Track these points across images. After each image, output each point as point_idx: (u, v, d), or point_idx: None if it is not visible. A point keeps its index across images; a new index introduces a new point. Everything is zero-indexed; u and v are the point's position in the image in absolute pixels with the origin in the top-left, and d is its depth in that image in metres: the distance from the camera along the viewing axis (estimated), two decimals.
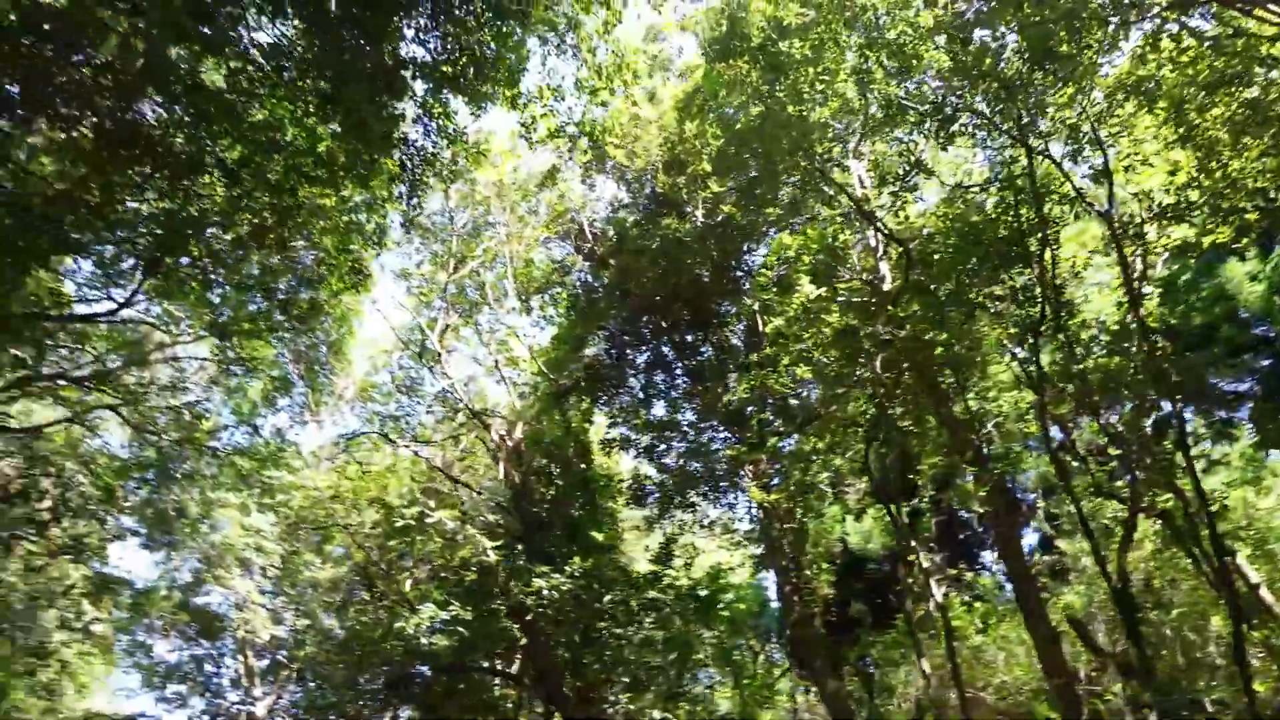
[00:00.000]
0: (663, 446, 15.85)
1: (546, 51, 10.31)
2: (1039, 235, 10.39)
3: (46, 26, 9.67)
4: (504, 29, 11.17)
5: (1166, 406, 10.76)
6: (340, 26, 10.66)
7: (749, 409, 14.47)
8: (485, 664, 15.04)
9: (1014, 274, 10.93)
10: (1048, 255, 10.36)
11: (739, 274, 15.38)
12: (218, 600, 22.65)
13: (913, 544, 13.48)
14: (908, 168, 11.31)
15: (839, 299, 11.62)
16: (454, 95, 12.21)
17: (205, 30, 10.38)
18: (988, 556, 20.49)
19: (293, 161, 12.99)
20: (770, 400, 14.15)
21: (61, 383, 15.51)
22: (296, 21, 11.31)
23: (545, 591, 11.30)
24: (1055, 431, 12.09)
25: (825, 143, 11.19)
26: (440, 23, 11.68)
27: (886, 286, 11.66)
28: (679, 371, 16.59)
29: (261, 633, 20.57)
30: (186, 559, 22.26)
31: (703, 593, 16.04)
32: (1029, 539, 19.02)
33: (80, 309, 14.96)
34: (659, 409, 16.39)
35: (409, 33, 11.70)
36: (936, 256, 11.15)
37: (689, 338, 16.38)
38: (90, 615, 19.62)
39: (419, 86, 12.34)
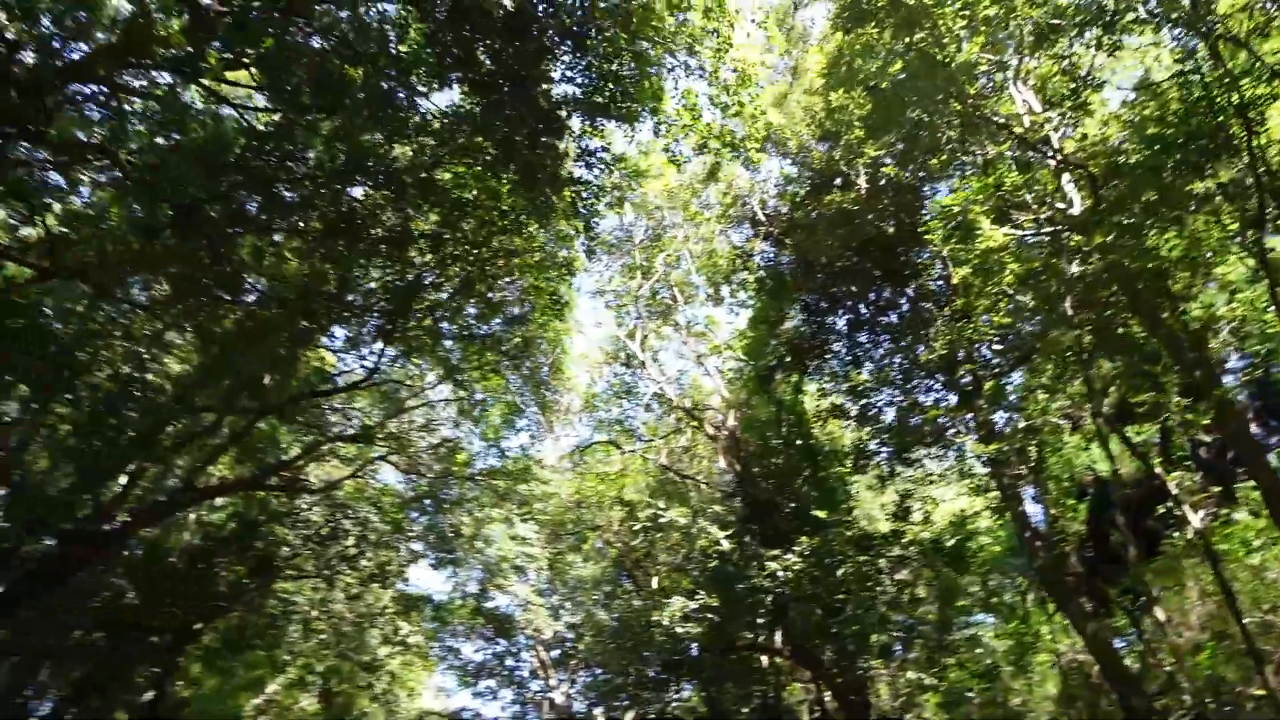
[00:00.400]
0: (875, 410, 15.89)
1: (675, 76, 10.87)
2: (1241, 121, 9.48)
3: (261, 142, 11.63)
4: (640, 52, 11.89)
5: None
6: (496, 81, 11.86)
7: (959, 355, 14.22)
8: (750, 636, 15.96)
9: (1219, 169, 10.04)
10: (1257, 142, 9.43)
11: (920, 226, 15.10)
12: (504, 603, 25.43)
13: (1164, 467, 12.71)
14: (1076, 85, 10.67)
15: (1025, 235, 11.21)
16: (607, 121, 13.12)
17: (389, 112, 11.99)
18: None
19: (482, 216, 14.53)
20: (976, 345, 13.83)
21: (340, 444, 18.31)
22: (460, 89, 12.69)
23: (779, 573, 11.92)
24: None
25: (976, 82, 10.82)
26: (583, 57, 12.59)
27: (1075, 212, 11.08)
28: (880, 330, 16.51)
29: (545, 629, 22.87)
30: (471, 572, 25.16)
31: (949, 542, 16.01)
32: None
33: (342, 377, 17.58)
34: (866, 371, 16.40)
35: (556, 74, 12.74)
36: (1126, 170, 10.48)
37: (884, 294, 16.25)
38: (405, 630, 22.76)
39: (575, 123, 13.36)
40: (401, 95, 12.08)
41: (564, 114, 12.44)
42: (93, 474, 13.30)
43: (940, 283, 15.75)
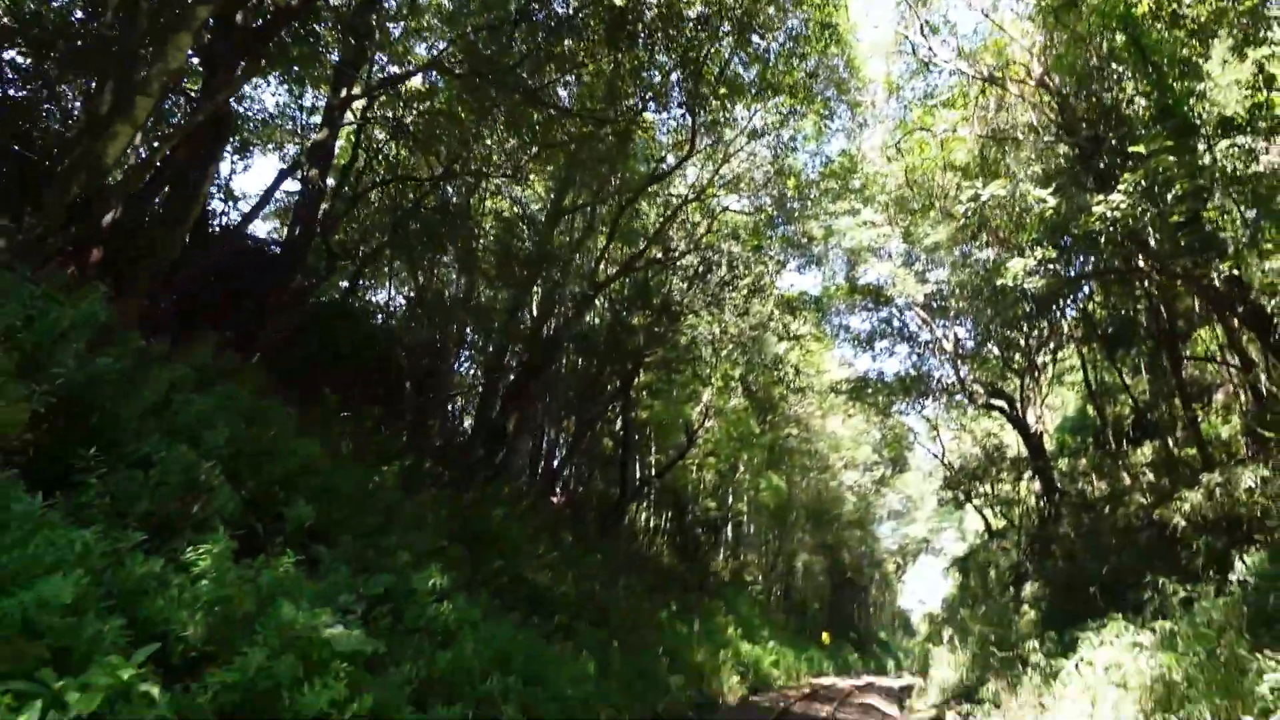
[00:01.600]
0: None
1: None
2: None
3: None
4: None
5: None
6: None
7: None
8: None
9: None
10: None
11: None
12: (874, 279, 27.83)
13: None
14: None
15: None
16: None
17: None
18: None
19: None
20: None
21: (688, 206, 21.30)
22: None
23: (1107, 214, 12.42)
24: None
25: None
26: None
27: None
28: None
29: (917, 294, 25.00)
30: (835, 264, 27.89)
31: None
32: None
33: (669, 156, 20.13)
34: None
35: None
36: None
37: None
38: (794, 325, 26.39)
39: None
40: None
41: None
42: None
43: None
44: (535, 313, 20.54)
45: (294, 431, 9.27)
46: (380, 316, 19.36)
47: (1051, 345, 23.22)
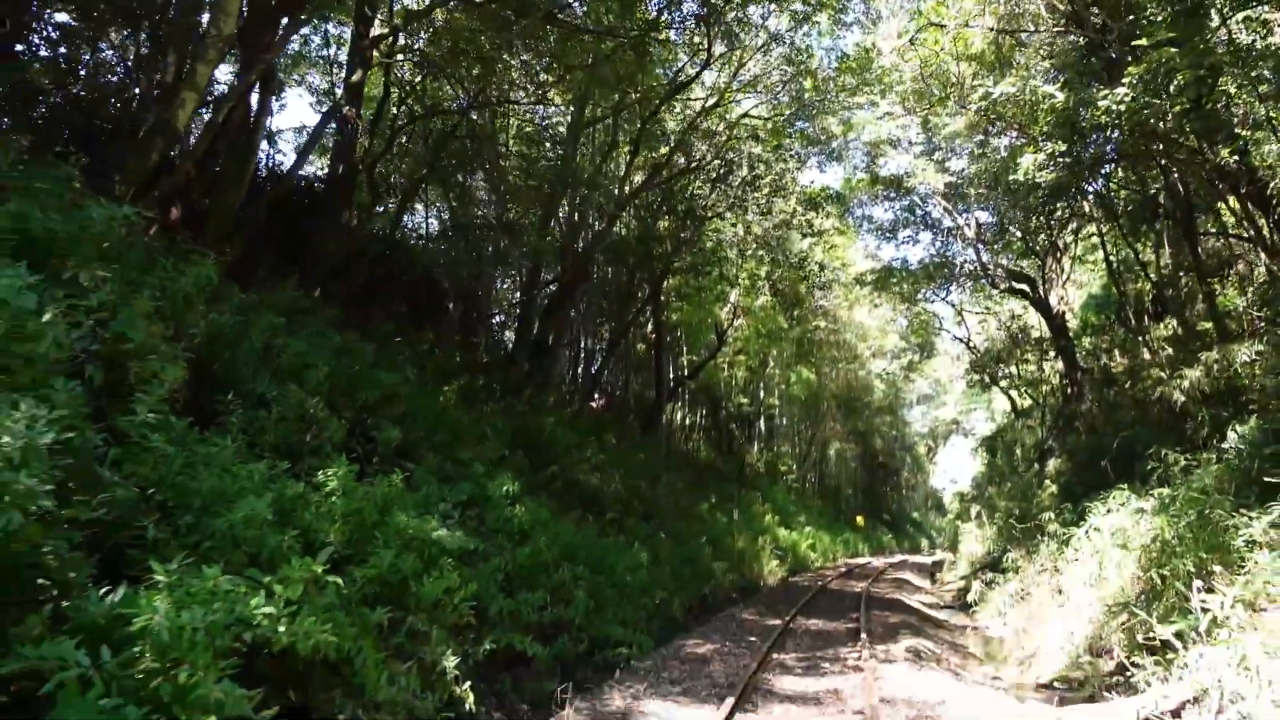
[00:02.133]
0: None
1: None
2: None
3: None
4: None
5: None
6: None
7: None
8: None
9: None
10: None
11: None
12: (895, 169, 28.10)
13: None
14: None
15: None
16: None
17: None
18: None
19: None
20: None
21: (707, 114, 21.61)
22: None
23: (1111, 108, 12.78)
24: None
25: None
26: None
27: None
28: None
29: (938, 182, 25.29)
30: (854, 158, 28.12)
31: None
32: None
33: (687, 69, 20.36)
34: None
35: None
36: None
37: None
38: (817, 221, 26.89)
39: None
40: None
41: None
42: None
43: None
44: (565, 228, 21.29)
45: (371, 363, 10.39)
46: (422, 243, 20.20)
47: (1072, 226, 23.60)
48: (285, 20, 10.87)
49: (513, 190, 20.61)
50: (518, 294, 20.95)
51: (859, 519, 48.93)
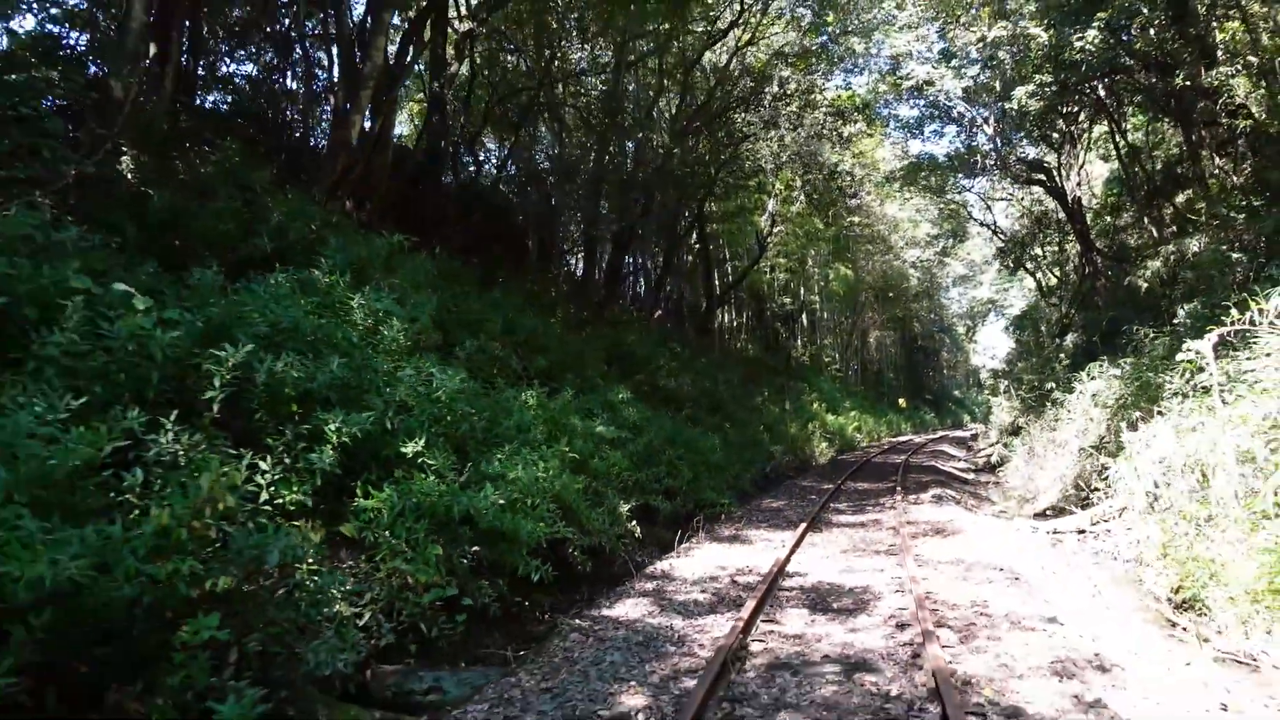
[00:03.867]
0: None
1: None
2: None
3: None
4: None
5: None
6: None
7: None
8: None
9: None
10: None
11: None
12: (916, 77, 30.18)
13: None
14: None
15: None
16: None
17: None
18: None
19: None
20: None
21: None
22: None
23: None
24: None
25: None
26: None
27: None
28: None
29: (956, 89, 27.48)
30: (877, 64, 30.25)
31: None
32: None
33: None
34: None
35: None
36: None
37: None
38: (845, 129, 29.39)
39: None
40: None
41: None
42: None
43: None
44: (630, 165, 24.19)
45: (506, 306, 13.86)
46: (506, 192, 23.33)
47: (1082, 117, 25.83)
48: (411, 50, 13.93)
49: (569, 130, 23.53)
50: (582, 226, 23.97)
51: (901, 401, 52.39)
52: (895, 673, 5.37)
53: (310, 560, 4.70)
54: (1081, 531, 11.27)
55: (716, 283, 32.45)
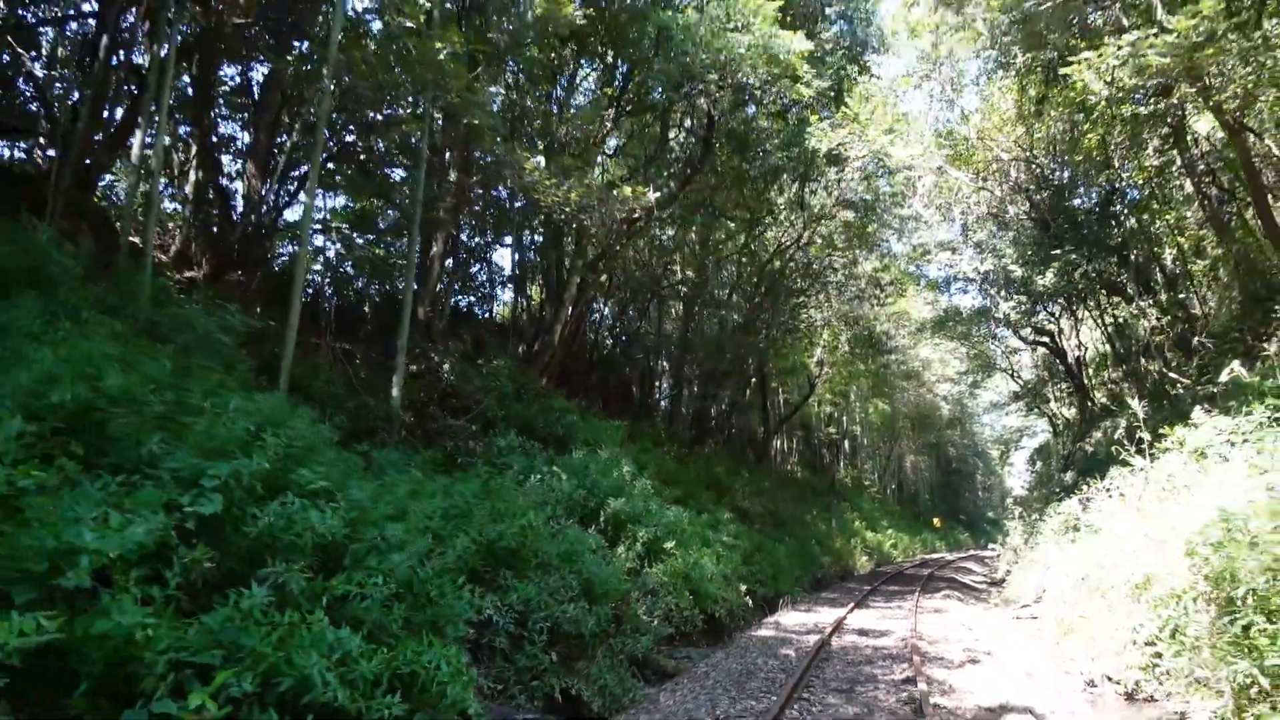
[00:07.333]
0: None
1: None
2: None
3: None
4: None
5: None
6: None
7: None
8: None
9: None
10: None
11: None
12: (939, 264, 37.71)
13: None
14: None
15: None
16: None
17: None
18: None
19: None
20: None
21: None
22: None
23: None
24: None
25: None
26: None
27: None
28: None
29: (974, 275, 34.85)
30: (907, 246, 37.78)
31: None
32: None
33: None
34: None
35: None
36: None
37: None
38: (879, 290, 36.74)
39: None
40: None
41: None
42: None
43: None
44: (717, 330, 31.55)
45: (636, 446, 20.83)
46: (617, 350, 30.78)
47: (1072, 307, 32.92)
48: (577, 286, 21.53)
49: (666, 309, 31.18)
50: (671, 380, 31.33)
51: (936, 521, 58.19)
52: (898, 649, 12.04)
53: (635, 596, 11.58)
54: (1034, 616, 17.73)
55: (772, 415, 39.41)
